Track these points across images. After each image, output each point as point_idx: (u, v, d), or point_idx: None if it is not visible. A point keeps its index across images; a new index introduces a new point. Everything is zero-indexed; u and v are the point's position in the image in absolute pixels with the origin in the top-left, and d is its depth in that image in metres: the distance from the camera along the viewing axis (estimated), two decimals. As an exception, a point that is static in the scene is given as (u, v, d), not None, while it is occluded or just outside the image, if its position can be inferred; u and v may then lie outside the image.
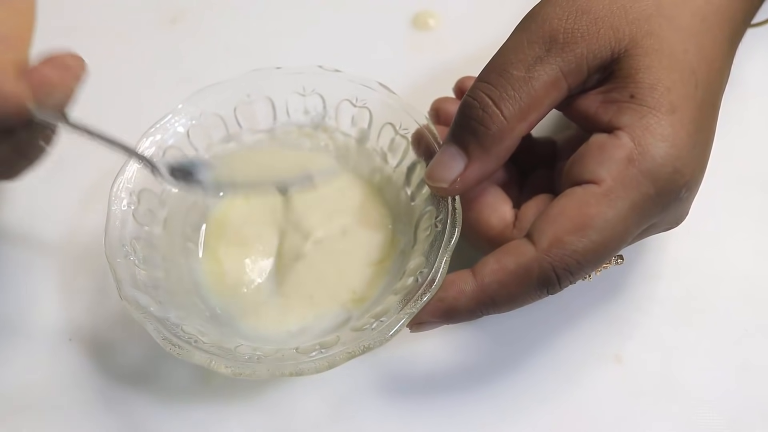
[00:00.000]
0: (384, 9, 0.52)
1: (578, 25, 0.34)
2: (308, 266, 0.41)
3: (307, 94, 0.42)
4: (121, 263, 0.37)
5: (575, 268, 0.33)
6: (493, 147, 0.35)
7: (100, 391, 0.40)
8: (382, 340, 0.34)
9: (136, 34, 0.52)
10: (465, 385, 0.40)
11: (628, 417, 0.39)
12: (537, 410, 0.39)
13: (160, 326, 0.36)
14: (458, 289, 0.34)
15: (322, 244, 0.41)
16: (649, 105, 0.33)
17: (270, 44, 0.51)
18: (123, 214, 0.39)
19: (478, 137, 0.34)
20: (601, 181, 0.33)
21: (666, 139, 0.33)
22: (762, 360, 0.40)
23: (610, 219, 0.32)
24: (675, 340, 0.40)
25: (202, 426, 0.39)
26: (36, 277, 0.43)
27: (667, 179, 0.33)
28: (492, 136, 0.34)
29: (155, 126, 0.41)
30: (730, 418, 0.39)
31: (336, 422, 0.39)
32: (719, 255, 0.43)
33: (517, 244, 0.34)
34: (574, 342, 0.40)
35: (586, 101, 0.35)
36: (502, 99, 0.34)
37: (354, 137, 0.43)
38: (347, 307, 0.39)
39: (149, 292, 0.37)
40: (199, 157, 0.40)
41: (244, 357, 0.35)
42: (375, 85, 0.41)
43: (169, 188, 0.41)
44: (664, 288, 0.42)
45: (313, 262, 0.41)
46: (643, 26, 0.34)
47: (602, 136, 0.34)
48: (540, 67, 0.34)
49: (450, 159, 0.35)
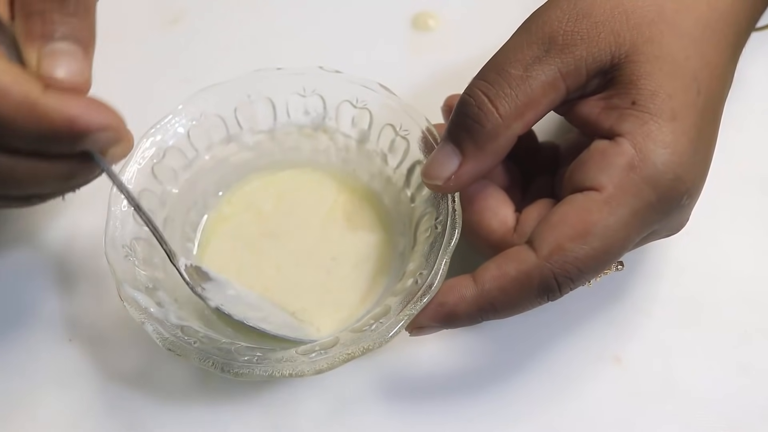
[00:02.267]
0: (384, 10, 0.52)
1: (578, 28, 0.34)
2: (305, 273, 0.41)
3: (307, 95, 0.42)
4: (120, 264, 0.37)
5: (576, 274, 0.33)
6: (487, 144, 0.34)
7: (100, 391, 0.40)
8: (381, 341, 0.34)
9: (136, 34, 0.52)
10: (465, 386, 0.40)
11: (628, 418, 0.39)
12: (537, 412, 0.39)
13: (159, 327, 0.36)
14: (459, 294, 0.34)
15: (320, 251, 0.41)
16: (650, 112, 0.33)
17: (270, 45, 0.51)
18: (123, 214, 0.38)
19: (473, 135, 0.34)
20: (602, 187, 0.33)
21: (667, 146, 0.32)
22: (762, 361, 0.40)
23: (610, 226, 0.32)
24: (675, 342, 0.40)
25: (201, 426, 0.39)
26: (36, 277, 0.43)
27: (668, 186, 0.33)
28: (486, 133, 0.34)
29: (155, 126, 0.41)
30: (731, 419, 0.39)
31: (335, 423, 0.39)
32: (720, 256, 0.43)
33: (518, 250, 0.34)
34: (574, 343, 0.40)
35: (588, 107, 0.35)
36: (498, 97, 0.34)
37: (354, 138, 0.43)
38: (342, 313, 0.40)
39: (149, 293, 0.37)
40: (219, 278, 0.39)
41: (243, 358, 0.35)
42: (375, 86, 0.41)
43: (170, 188, 0.41)
44: (664, 289, 0.42)
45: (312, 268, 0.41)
46: (645, 32, 0.34)
47: (603, 143, 0.34)
48: (538, 66, 0.34)
49: (445, 157, 0.35)
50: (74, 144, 0.30)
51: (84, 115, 0.29)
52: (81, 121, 0.29)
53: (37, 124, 0.29)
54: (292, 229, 0.42)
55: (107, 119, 0.30)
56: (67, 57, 0.31)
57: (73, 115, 0.29)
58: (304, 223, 0.42)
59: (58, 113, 0.29)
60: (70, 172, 0.32)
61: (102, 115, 0.30)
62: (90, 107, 0.30)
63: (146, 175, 0.40)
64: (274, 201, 0.43)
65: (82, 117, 0.29)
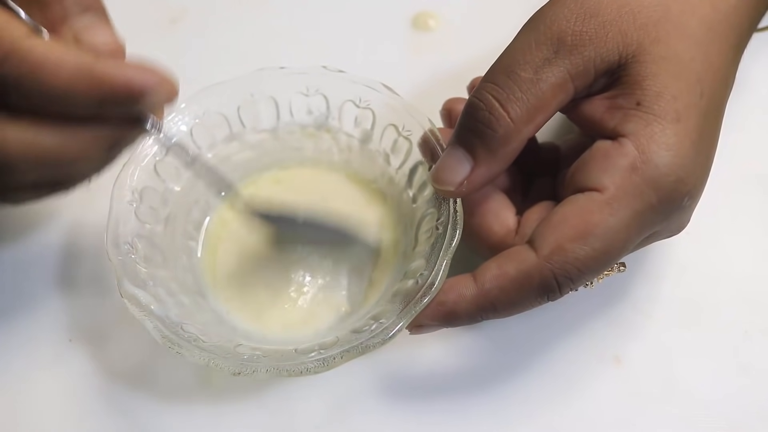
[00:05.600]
0: (384, 10, 0.52)
1: (586, 28, 0.34)
2: (307, 271, 0.41)
3: (310, 95, 0.42)
4: (122, 261, 0.37)
5: (576, 275, 0.33)
6: (499, 149, 0.34)
7: (100, 391, 0.40)
8: (381, 341, 0.34)
9: (136, 34, 0.51)
10: (465, 386, 0.40)
11: (628, 418, 0.39)
12: (537, 412, 0.39)
13: (160, 325, 0.36)
14: (459, 293, 0.34)
15: (321, 249, 0.41)
16: (654, 113, 0.33)
17: (269, 44, 0.51)
18: (125, 211, 0.38)
19: (484, 140, 0.34)
20: (603, 188, 0.33)
21: (670, 148, 0.33)
22: (762, 362, 0.40)
23: (612, 227, 0.32)
24: (675, 342, 0.41)
25: (202, 426, 0.39)
26: (36, 276, 0.43)
27: (669, 188, 0.33)
28: (498, 138, 0.34)
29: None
30: (731, 420, 0.39)
31: (335, 423, 0.39)
32: (720, 257, 0.43)
33: (519, 250, 0.34)
34: (574, 344, 0.40)
35: (592, 106, 0.35)
36: (509, 101, 0.34)
37: (357, 138, 0.43)
38: (343, 313, 0.40)
39: (150, 290, 0.37)
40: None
41: (244, 357, 0.35)
42: (378, 86, 0.41)
43: (172, 186, 0.41)
44: (664, 289, 0.42)
45: (312, 266, 0.41)
46: (651, 32, 0.34)
47: (606, 144, 0.34)
48: (548, 69, 0.34)
49: (456, 162, 0.35)
50: (132, 105, 0.31)
51: (139, 75, 0.30)
52: (137, 81, 0.30)
53: (98, 88, 0.30)
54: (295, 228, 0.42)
55: (160, 78, 0.31)
56: (97, 28, 0.32)
57: (130, 77, 0.30)
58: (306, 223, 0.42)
59: (116, 76, 0.30)
60: (118, 138, 0.32)
61: (155, 75, 0.31)
62: (143, 68, 0.30)
63: (149, 173, 0.40)
64: (277, 200, 0.43)
65: (137, 77, 0.30)
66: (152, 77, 0.30)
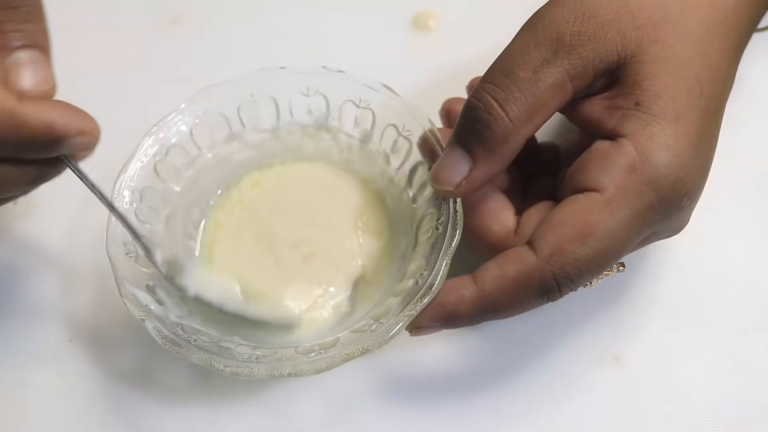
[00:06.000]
0: (384, 10, 0.52)
1: (585, 29, 0.34)
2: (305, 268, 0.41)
3: (310, 95, 0.42)
4: (122, 261, 0.37)
5: (576, 275, 0.33)
6: (498, 149, 0.34)
7: (101, 391, 0.40)
8: (381, 341, 0.34)
9: (136, 34, 0.52)
10: (465, 386, 0.40)
11: (628, 418, 0.39)
12: (536, 412, 0.39)
13: (159, 325, 0.36)
14: (459, 294, 0.34)
15: (320, 247, 0.41)
16: (653, 113, 0.33)
17: (269, 44, 0.51)
18: (125, 211, 0.38)
19: (483, 140, 0.34)
20: (603, 189, 0.33)
21: (669, 148, 0.33)
22: (762, 361, 0.40)
23: (611, 227, 0.32)
24: (675, 342, 0.41)
25: (201, 426, 0.39)
26: (36, 276, 0.43)
27: (669, 188, 0.33)
28: (497, 138, 0.34)
29: (158, 124, 0.41)
30: (730, 419, 0.39)
31: (335, 423, 0.39)
32: (719, 257, 0.43)
33: (518, 251, 0.34)
34: (574, 344, 0.40)
35: (591, 106, 0.35)
36: (507, 101, 0.34)
37: (357, 138, 0.43)
38: (343, 314, 0.40)
39: (149, 291, 0.37)
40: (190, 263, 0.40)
41: (243, 357, 0.35)
42: (378, 86, 0.41)
43: (172, 186, 0.41)
44: (664, 289, 0.42)
45: (311, 264, 0.41)
46: (650, 32, 0.34)
47: (605, 144, 0.34)
48: (547, 69, 0.34)
49: (455, 162, 0.35)
50: (52, 149, 0.31)
51: (61, 120, 0.30)
52: (59, 126, 0.30)
53: (16, 131, 0.30)
54: (294, 228, 0.42)
55: (83, 123, 0.31)
56: (31, 66, 0.32)
57: (51, 121, 0.30)
58: (305, 222, 0.42)
59: (36, 120, 0.30)
60: (39, 175, 0.33)
61: (78, 120, 0.31)
62: (66, 113, 0.31)
63: (149, 173, 0.40)
64: (276, 199, 0.43)
65: (59, 122, 0.30)
66: (75, 122, 0.30)
